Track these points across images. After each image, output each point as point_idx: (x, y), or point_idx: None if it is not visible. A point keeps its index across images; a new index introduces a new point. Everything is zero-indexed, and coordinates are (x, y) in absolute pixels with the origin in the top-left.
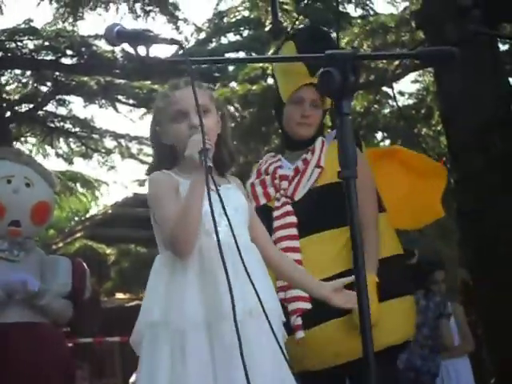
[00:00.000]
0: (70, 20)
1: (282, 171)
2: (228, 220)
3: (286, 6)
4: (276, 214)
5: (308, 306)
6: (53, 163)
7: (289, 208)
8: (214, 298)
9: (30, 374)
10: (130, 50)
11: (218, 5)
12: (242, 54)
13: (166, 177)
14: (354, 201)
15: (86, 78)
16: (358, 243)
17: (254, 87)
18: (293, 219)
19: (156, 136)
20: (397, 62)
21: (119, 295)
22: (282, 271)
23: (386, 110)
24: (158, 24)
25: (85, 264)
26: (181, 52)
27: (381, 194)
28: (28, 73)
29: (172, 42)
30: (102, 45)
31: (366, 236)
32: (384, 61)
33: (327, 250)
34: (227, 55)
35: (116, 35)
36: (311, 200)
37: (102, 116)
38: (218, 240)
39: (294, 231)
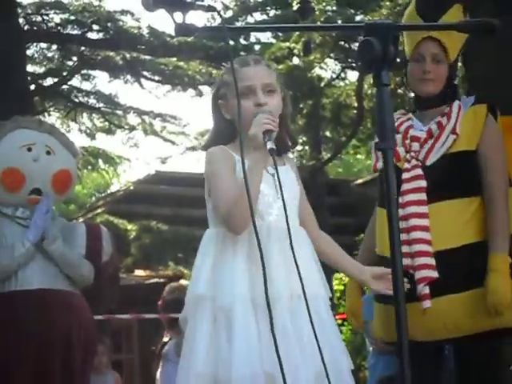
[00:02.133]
0: None
1: (414, 132)
2: (284, 205)
3: None
4: (405, 176)
5: (435, 274)
6: (75, 138)
7: (419, 171)
8: (262, 281)
9: (49, 340)
10: (164, 19)
11: None
12: (268, 34)
13: (225, 153)
14: (392, 173)
15: (111, 53)
16: (394, 225)
17: (281, 66)
18: (423, 183)
19: (217, 109)
20: None
21: (138, 272)
22: (324, 253)
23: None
24: None
25: (103, 227)
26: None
27: (510, 168)
28: (54, 47)
29: (209, 8)
30: (129, 20)
31: (492, 210)
32: None
33: (456, 219)
34: (253, 34)
35: (153, 0)
36: (443, 166)
37: (127, 92)
38: (254, 227)
39: (423, 196)
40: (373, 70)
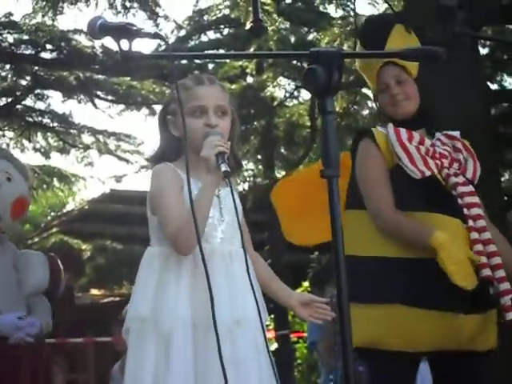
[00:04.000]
0: (50, 14)
1: (439, 149)
2: (240, 229)
3: (266, 7)
4: (464, 189)
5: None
6: (30, 157)
7: (472, 188)
8: (205, 303)
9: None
10: (112, 43)
11: (197, 2)
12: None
13: (172, 172)
14: (337, 200)
15: (65, 73)
16: (338, 241)
17: (234, 86)
18: (479, 200)
19: (165, 125)
20: None
21: (93, 291)
22: (258, 276)
23: (366, 112)
24: (138, 20)
25: (59, 260)
26: (163, 47)
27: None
28: (7, 66)
29: (155, 36)
30: (82, 40)
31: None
32: None
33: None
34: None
35: (99, 28)
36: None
37: (81, 111)
38: (202, 249)
39: (482, 211)
40: (317, 98)
